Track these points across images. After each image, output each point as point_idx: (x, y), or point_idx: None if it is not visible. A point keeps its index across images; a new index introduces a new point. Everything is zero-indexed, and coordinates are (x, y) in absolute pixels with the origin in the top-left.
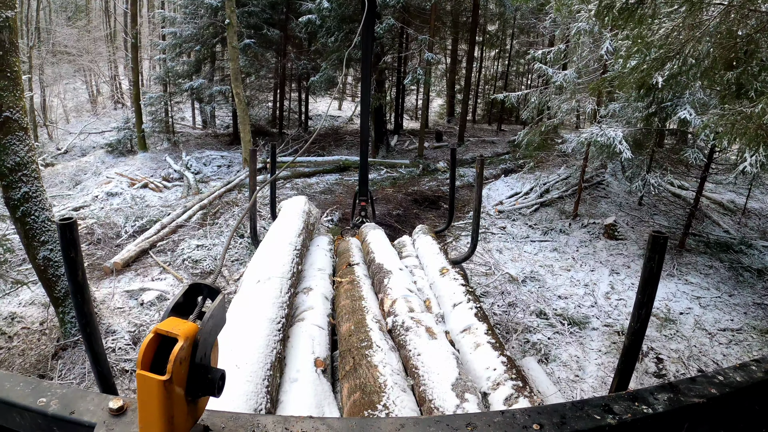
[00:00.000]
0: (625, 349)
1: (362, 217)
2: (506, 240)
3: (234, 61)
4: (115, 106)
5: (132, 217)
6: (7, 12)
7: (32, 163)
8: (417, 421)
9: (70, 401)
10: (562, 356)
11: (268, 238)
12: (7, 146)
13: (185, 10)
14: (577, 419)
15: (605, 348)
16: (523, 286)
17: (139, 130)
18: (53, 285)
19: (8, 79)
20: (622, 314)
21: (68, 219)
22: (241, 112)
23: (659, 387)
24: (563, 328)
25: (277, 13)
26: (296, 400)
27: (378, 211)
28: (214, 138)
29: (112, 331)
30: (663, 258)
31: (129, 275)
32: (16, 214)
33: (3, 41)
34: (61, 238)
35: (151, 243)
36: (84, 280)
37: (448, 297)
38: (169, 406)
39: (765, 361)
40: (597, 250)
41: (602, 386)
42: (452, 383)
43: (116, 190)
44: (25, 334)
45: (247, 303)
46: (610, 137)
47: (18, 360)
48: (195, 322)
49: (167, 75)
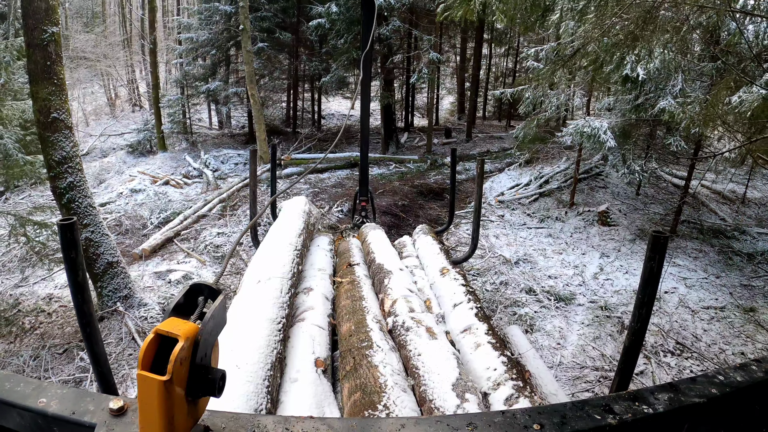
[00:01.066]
0: (626, 349)
1: (362, 217)
2: (503, 227)
3: (249, 65)
4: (133, 108)
5: (156, 210)
6: (52, 28)
7: (76, 157)
8: (417, 421)
9: (70, 401)
10: (546, 327)
11: (268, 238)
12: (55, 142)
13: (200, 16)
14: (577, 419)
15: (588, 321)
16: (516, 267)
17: (159, 131)
18: (93, 263)
19: (55, 85)
20: (607, 292)
21: (68, 220)
22: (256, 112)
23: (659, 387)
24: (550, 303)
25: (288, 17)
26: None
27: (385, 201)
28: (230, 138)
29: (144, 304)
30: (663, 258)
31: (156, 260)
32: (62, 200)
33: (50, 53)
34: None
35: (175, 232)
36: (84, 280)
37: (448, 297)
38: (170, 407)
39: (765, 361)
40: (590, 235)
41: (581, 353)
42: (453, 383)
43: (140, 187)
44: (62, 311)
45: (248, 303)
46: (596, 128)
47: (57, 331)
48: (196, 322)
49: (184, 78)
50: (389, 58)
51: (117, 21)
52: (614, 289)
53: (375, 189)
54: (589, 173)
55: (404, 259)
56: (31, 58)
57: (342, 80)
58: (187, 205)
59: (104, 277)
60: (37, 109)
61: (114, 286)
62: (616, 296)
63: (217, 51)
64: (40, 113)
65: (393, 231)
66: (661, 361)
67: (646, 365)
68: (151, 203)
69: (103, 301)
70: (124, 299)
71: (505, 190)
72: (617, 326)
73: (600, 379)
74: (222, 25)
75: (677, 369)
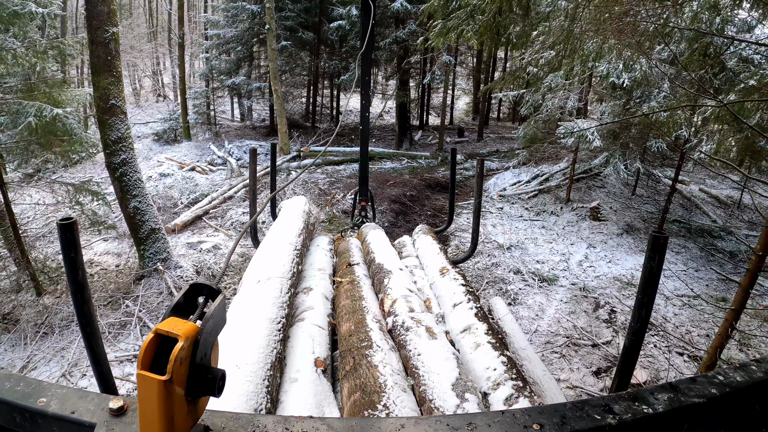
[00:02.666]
0: (625, 349)
1: (362, 217)
2: (501, 218)
3: (273, 62)
4: (157, 99)
5: (185, 192)
6: (113, 28)
7: (128, 138)
8: (417, 421)
9: (70, 401)
10: (528, 302)
11: (268, 238)
12: (112, 125)
13: (226, 14)
14: (577, 419)
15: (566, 299)
16: (508, 252)
17: (185, 121)
18: (138, 228)
19: (114, 77)
20: (589, 277)
21: (68, 219)
22: (278, 106)
23: (659, 387)
24: (534, 283)
25: (311, 17)
26: (296, 400)
27: (395, 192)
28: (251, 130)
29: (180, 266)
30: (663, 258)
31: (187, 234)
32: (116, 174)
33: (111, 50)
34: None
35: (204, 210)
36: (84, 279)
37: (448, 297)
38: (170, 406)
39: (765, 361)
40: (581, 228)
41: (556, 323)
42: (452, 383)
43: (168, 171)
44: (103, 273)
45: (247, 303)
46: (584, 129)
47: (99, 288)
48: (195, 322)
49: (210, 72)
50: (405, 60)
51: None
52: (595, 274)
53: (386, 181)
54: (587, 173)
55: (404, 259)
56: (93, 53)
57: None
58: (213, 189)
59: (147, 241)
60: (97, 96)
61: (155, 249)
62: (596, 281)
63: (242, 47)
64: (101, 100)
65: (400, 218)
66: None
67: (614, 337)
68: (180, 186)
69: (144, 262)
70: (163, 261)
71: (507, 185)
72: (592, 305)
73: (568, 345)
74: (247, 23)
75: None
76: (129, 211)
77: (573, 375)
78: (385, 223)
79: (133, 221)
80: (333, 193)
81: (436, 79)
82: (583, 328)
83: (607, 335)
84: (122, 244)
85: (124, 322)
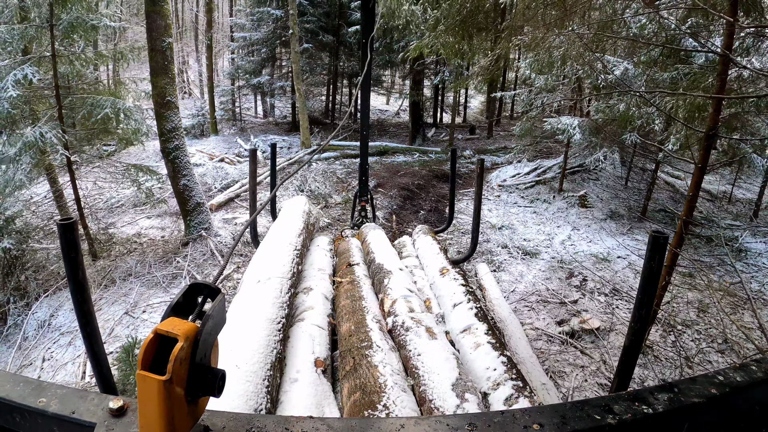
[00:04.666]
0: (625, 349)
1: (362, 217)
2: (497, 204)
3: (296, 63)
4: (182, 95)
5: (218, 179)
6: (168, 39)
7: (180, 128)
8: (417, 421)
9: (70, 401)
10: (510, 270)
11: (268, 238)
12: (167, 117)
13: (252, 18)
14: (577, 419)
15: (544, 269)
16: (499, 231)
17: (212, 116)
18: (186, 202)
19: (169, 78)
20: (568, 253)
21: (68, 219)
22: (300, 104)
23: (659, 387)
24: (518, 256)
25: (330, 20)
26: (296, 401)
27: (404, 180)
28: (274, 126)
29: (219, 235)
30: (663, 258)
31: (222, 212)
32: (169, 157)
33: (167, 56)
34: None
35: (235, 194)
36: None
37: (448, 297)
38: (169, 407)
39: (765, 361)
40: (569, 214)
41: (532, 287)
42: (452, 383)
43: (199, 162)
44: (151, 242)
45: (247, 303)
46: (566, 124)
47: (151, 251)
48: (195, 322)
49: (236, 71)
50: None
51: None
52: (575, 251)
53: (397, 172)
54: (582, 167)
55: (404, 259)
56: (152, 59)
57: (377, 78)
58: (242, 176)
59: (193, 213)
60: (155, 94)
61: (199, 220)
62: (574, 256)
63: (266, 49)
64: (158, 96)
65: (407, 202)
66: (594, 298)
67: (581, 298)
68: (212, 174)
69: (189, 231)
70: (206, 230)
71: (507, 177)
72: (567, 274)
73: (538, 301)
74: (271, 26)
75: (605, 303)
76: (179, 188)
77: (538, 323)
78: (393, 206)
79: (182, 196)
80: (349, 181)
81: (446, 80)
82: (554, 290)
83: (574, 296)
84: (164, 221)
85: (176, 274)
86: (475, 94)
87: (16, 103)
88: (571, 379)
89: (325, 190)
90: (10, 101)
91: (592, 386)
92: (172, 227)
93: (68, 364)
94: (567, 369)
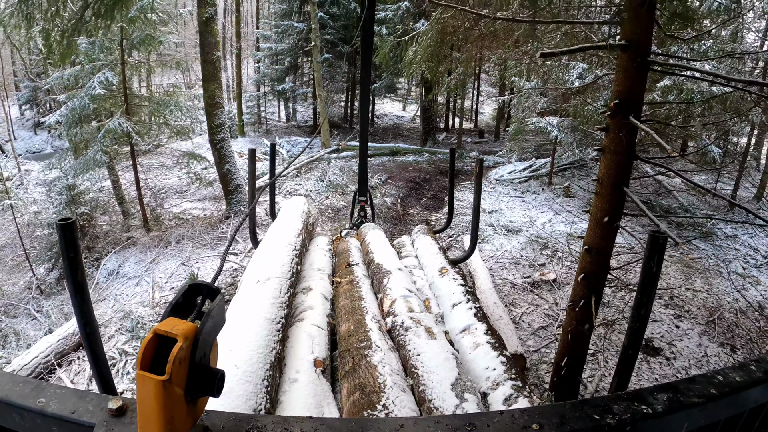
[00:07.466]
0: (625, 349)
1: (362, 217)
2: (491, 195)
3: (317, 72)
4: None
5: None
6: (217, 53)
7: (225, 124)
8: (416, 421)
9: (69, 401)
10: (493, 242)
11: (267, 238)
12: (216, 114)
13: (277, 30)
14: (576, 419)
15: (523, 242)
16: (489, 215)
17: (240, 119)
18: (228, 183)
19: (218, 84)
20: (546, 232)
21: (67, 220)
22: (321, 109)
23: (659, 387)
24: (501, 232)
25: (348, 32)
26: (296, 401)
27: (411, 175)
28: (297, 128)
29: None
30: (662, 258)
31: None
32: (216, 147)
33: (216, 67)
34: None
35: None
36: (83, 280)
37: (447, 297)
38: (169, 407)
39: (765, 361)
40: (554, 203)
41: (509, 255)
42: (452, 383)
43: None
44: (193, 219)
45: (247, 303)
46: (545, 123)
47: (198, 223)
48: (194, 322)
49: (262, 78)
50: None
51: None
52: (551, 230)
53: (406, 168)
54: (573, 164)
55: (403, 259)
56: (204, 68)
57: (391, 85)
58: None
59: (233, 192)
60: (207, 96)
61: (238, 199)
62: (550, 234)
63: (290, 58)
64: (209, 98)
65: (413, 192)
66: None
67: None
68: (243, 168)
69: (230, 207)
70: (243, 207)
71: (504, 173)
72: (540, 245)
73: (508, 263)
74: (294, 38)
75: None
76: (223, 172)
77: (509, 277)
78: (401, 194)
79: (226, 179)
80: None
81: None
82: (526, 257)
83: (542, 261)
84: (204, 204)
85: (221, 237)
86: (486, 100)
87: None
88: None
89: (342, 182)
90: (93, 98)
91: (540, 315)
92: (212, 208)
93: (137, 296)
94: (523, 306)
